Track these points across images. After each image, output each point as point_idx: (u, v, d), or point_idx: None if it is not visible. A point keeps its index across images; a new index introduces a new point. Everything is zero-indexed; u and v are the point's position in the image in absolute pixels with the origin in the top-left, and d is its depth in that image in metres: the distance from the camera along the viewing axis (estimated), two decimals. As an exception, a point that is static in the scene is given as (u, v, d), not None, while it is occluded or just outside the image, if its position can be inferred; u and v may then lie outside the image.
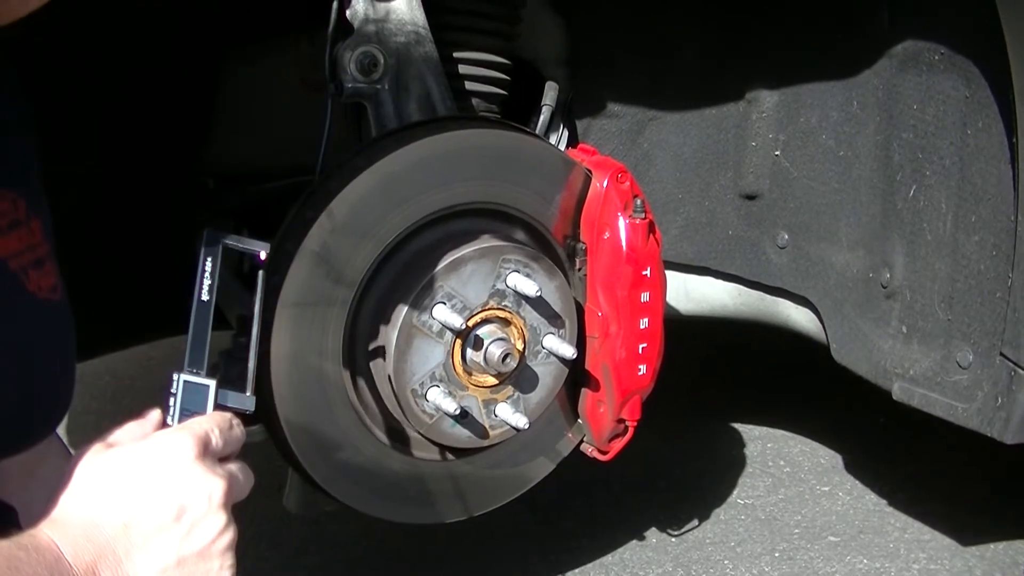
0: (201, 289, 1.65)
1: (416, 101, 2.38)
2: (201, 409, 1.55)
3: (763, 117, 2.77)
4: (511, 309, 2.27)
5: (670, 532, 3.23)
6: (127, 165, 2.60)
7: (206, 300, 1.65)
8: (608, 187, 2.37)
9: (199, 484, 1.38)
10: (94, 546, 1.29)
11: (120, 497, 1.34)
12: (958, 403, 2.41)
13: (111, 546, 1.31)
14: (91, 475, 1.36)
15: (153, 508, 1.34)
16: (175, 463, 1.37)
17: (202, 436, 1.42)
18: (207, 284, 1.65)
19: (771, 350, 3.83)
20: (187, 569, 1.36)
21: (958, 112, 2.32)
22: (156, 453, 1.38)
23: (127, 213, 2.65)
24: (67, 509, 1.33)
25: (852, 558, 3.12)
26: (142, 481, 1.35)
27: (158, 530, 1.34)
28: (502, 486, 2.53)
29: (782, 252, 2.80)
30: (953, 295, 2.40)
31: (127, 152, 2.58)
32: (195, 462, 1.38)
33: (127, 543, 1.32)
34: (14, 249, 1.48)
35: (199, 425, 1.44)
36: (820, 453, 3.69)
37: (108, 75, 2.47)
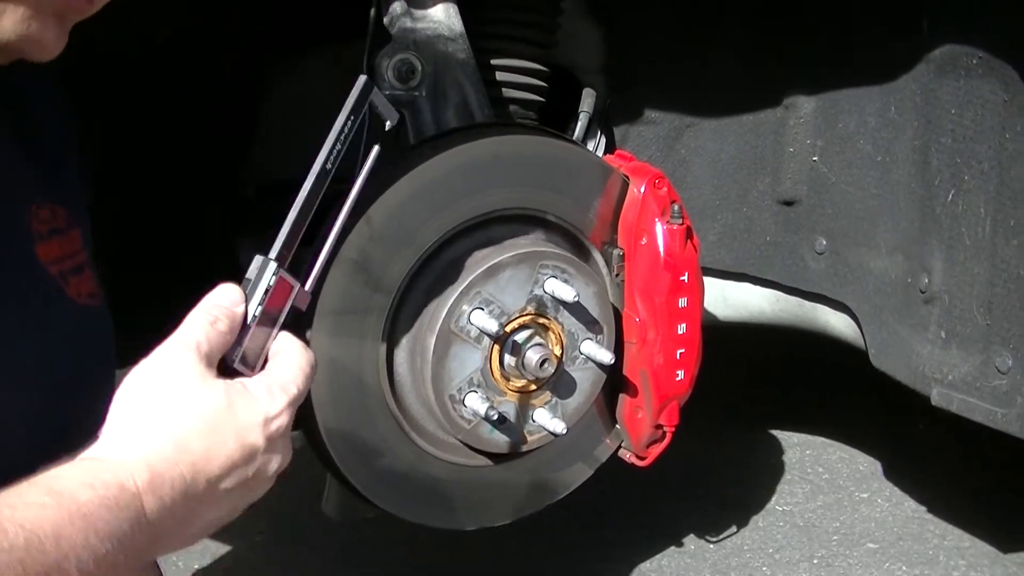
0: (332, 151, 1.57)
1: (454, 108, 2.39)
2: (281, 306, 1.48)
3: (801, 123, 2.77)
4: (549, 315, 2.28)
5: (708, 539, 3.23)
6: (170, 175, 2.62)
7: (328, 169, 1.56)
8: (646, 193, 2.37)
9: (277, 455, 1.40)
10: (180, 504, 1.28)
11: (216, 456, 1.32)
12: (997, 408, 2.40)
13: (196, 506, 1.31)
14: (188, 416, 1.32)
15: (238, 472, 1.35)
16: (268, 434, 1.38)
17: (296, 403, 1.43)
18: (337, 148, 1.57)
19: (810, 357, 3.82)
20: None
21: (996, 116, 2.31)
22: (256, 421, 1.37)
23: (169, 223, 2.67)
24: (158, 450, 1.29)
25: (891, 565, 3.11)
26: (239, 443, 1.34)
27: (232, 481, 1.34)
28: (540, 492, 2.53)
29: (820, 258, 2.79)
30: (992, 300, 2.39)
31: (170, 162, 2.60)
32: (284, 433, 1.40)
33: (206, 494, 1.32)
34: (54, 256, 1.50)
35: (295, 389, 1.44)
36: (859, 460, 3.68)
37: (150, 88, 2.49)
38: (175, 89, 2.52)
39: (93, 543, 1.16)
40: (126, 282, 2.01)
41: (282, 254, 1.50)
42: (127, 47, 2.13)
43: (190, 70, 2.52)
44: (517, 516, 2.53)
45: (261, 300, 1.46)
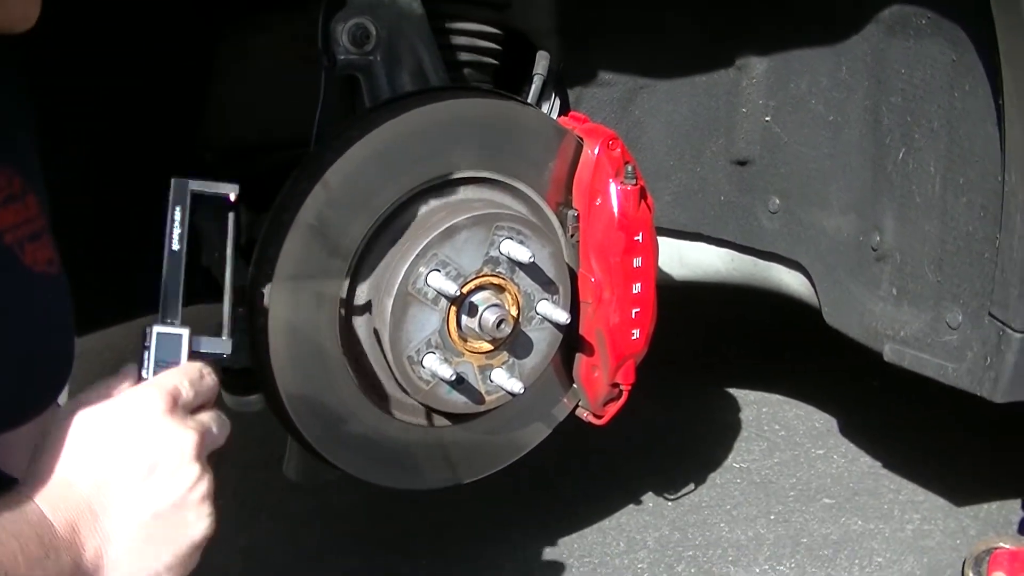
0: (171, 239, 1.66)
1: (409, 72, 2.39)
2: (176, 359, 1.56)
3: (753, 84, 2.78)
4: (505, 276, 2.29)
5: (666, 496, 3.27)
6: (124, 141, 2.61)
7: (177, 250, 1.66)
8: (599, 154, 2.39)
9: (169, 438, 1.40)
10: (71, 505, 1.32)
11: (91, 456, 1.36)
12: (948, 363, 2.44)
13: (87, 504, 1.34)
14: (63, 435, 1.39)
15: (124, 465, 1.36)
16: (144, 419, 1.40)
17: (171, 390, 1.44)
18: (177, 233, 1.67)
19: (765, 316, 3.86)
20: (164, 521, 1.39)
21: (945, 76, 2.34)
22: (125, 410, 1.41)
23: (123, 189, 2.66)
24: (43, 469, 1.35)
25: (847, 519, 3.16)
26: (112, 439, 1.38)
27: (131, 486, 1.36)
28: (500, 451, 2.55)
29: (774, 217, 2.82)
30: (942, 257, 2.42)
31: (124, 128, 2.60)
32: (164, 416, 1.41)
33: (101, 500, 1.35)
34: (9, 222, 1.49)
35: (167, 379, 1.47)
36: (815, 417, 3.73)
37: (102, 48, 2.48)
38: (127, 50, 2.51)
39: (4, 540, 1.23)
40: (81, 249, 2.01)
41: (165, 318, 1.61)
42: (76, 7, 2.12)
43: (142, 31, 2.51)
44: (477, 476, 2.55)
45: (145, 357, 1.56)
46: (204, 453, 1.44)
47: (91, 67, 2.47)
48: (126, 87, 2.54)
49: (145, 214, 2.69)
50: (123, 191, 2.65)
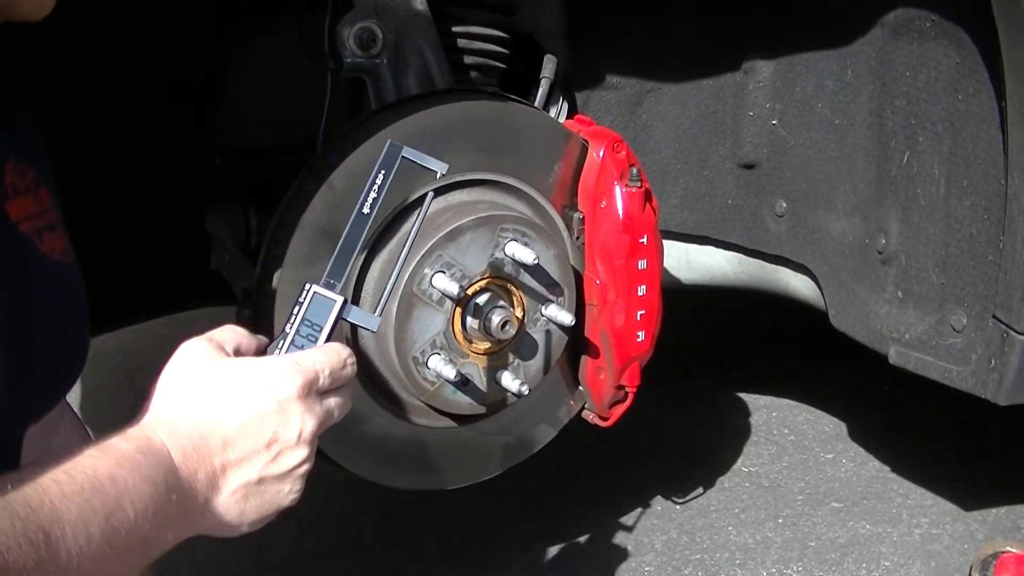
0: (365, 201, 1.63)
1: (415, 75, 2.41)
2: (322, 323, 1.58)
3: (760, 87, 2.79)
4: (510, 277, 2.30)
5: (675, 499, 3.27)
6: (133, 145, 2.63)
7: (366, 214, 1.63)
8: (604, 157, 2.40)
9: (294, 421, 1.47)
10: (199, 456, 1.39)
11: (227, 416, 1.43)
12: (953, 366, 2.44)
13: (212, 460, 1.41)
14: (202, 384, 1.46)
15: (251, 433, 1.44)
16: (278, 397, 1.46)
17: (310, 377, 1.49)
18: (372, 198, 1.63)
19: (775, 319, 3.86)
20: (265, 487, 1.47)
21: (949, 78, 2.35)
22: (264, 383, 1.46)
23: (135, 190, 2.69)
24: (176, 412, 1.43)
25: (855, 523, 3.16)
26: (247, 406, 1.44)
27: (251, 453, 1.44)
28: (505, 453, 2.56)
29: (780, 220, 2.82)
30: (947, 259, 2.42)
31: (133, 132, 2.62)
32: (296, 400, 1.47)
33: (224, 459, 1.42)
34: (26, 213, 1.51)
35: (311, 363, 1.51)
36: (824, 421, 3.73)
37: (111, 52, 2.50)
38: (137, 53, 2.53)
39: (139, 485, 1.27)
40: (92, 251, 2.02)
41: (331, 278, 1.61)
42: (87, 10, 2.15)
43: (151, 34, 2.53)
44: (483, 477, 2.56)
45: (294, 314, 1.59)
46: (318, 436, 1.51)
47: (101, 70, 2.49)
48: (135, 90, 2.56)
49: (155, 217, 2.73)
50: (134, 194, 2.67)
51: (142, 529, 1.27)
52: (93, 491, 1.22)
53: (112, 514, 1.23)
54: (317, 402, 1.51)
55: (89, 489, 1.21)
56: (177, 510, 1.35)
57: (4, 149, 1.50)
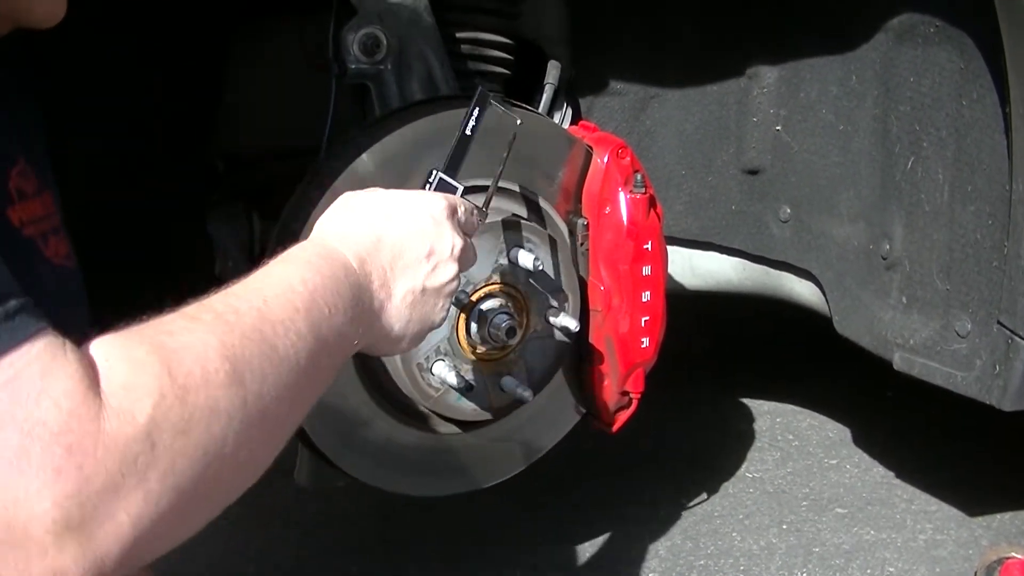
0: (466, 126, 1.94)
1: (419, 81, 2.41)
2: None
3: (764, 92, 2.79)
4: (514, 283, 2.30)
5: (679, 505, 3.26)
6: (136, 146, 2.63)
7: (468, 135, 1.94)
8: (609, 163, 2.40)
9: (447, 236, 1.64)
10: (372, 261, 1.53)
11: (392, 228, 1.58)
12: (957, 372, 2.44)
13: (384, 266, 1.54)
14: (366, 205, 1.61)
15: (415, 244, 1.59)
16: (433, 214, 1.63)
17: (454, 204, 1.69)
18: (471, 125, 1.94)
19: (779, 325, 3.86)
20: (424, 298, 1.60)
21: (953, 83, 2.35)
22: (420, 203, 1.64)
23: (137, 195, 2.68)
24: (346, 225, 1.57)
25: (859, 529, 3.15)
26: (408, 220, 1.61)
27: (415, 262, 1.59)
28: (510, 458, 2.56)
29: (784, 226, 2.82)
30: (951, 265, 2.42)
31: (136, 133, 2.62)
32: (445, 219, 1.65)
33: (394, 266, 1.56)
34: (29, 217, 1.52)
35: (453, 197, 1.73)
36: (828, 427, 3.73)
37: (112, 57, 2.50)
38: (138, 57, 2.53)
39: (327, 283, 1.40)
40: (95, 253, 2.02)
41: (448, 169, 1.93)
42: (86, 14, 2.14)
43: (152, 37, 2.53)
44: (487, 483, 2.56)
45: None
46: (463, 262, 1.68)
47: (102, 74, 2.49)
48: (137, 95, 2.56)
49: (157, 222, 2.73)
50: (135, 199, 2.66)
51: (337, 324, 1.38)
52: (292, 292, 1.33)
53: (311, 310, 1.33)
54: (460, 230, 1.68)
55: (287, 290, 1.33)
56: (360, 311, 1.47)
57: (14, 151, 1.51)
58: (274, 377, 1.26)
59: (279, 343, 1.27)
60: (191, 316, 1.23)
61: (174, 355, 1.15)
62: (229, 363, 1.19)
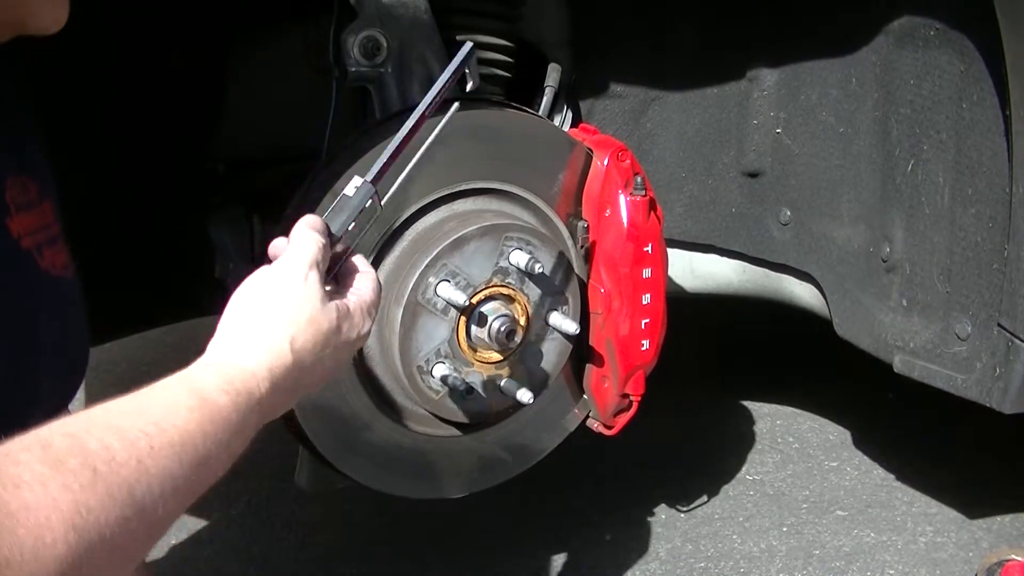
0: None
1: (419, 84, 2.41)
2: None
3: (764, 95, 2.80)
4: (514, 286, 2.30)
5: (679, 508, 3.27)
6: (136, 151, 2.63)
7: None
8: (609, 165, 2.40)
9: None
10: (293, 386, 1.43)
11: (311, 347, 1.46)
12: (957, 374, 2.44)
13: (303, 381, 1.45)
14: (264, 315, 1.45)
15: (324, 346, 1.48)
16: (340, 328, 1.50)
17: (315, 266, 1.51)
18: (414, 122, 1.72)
19: (779, 328, 3.86)
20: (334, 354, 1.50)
21: (953, 86, 2.35)
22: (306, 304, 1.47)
23: (137, 199, 2.69)
24: (254, 341, 1.41)
25: (859, 532, 3.16)
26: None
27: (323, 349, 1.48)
28: (510, 461, 2.56)
29: (785, 229, 2.83)
30: (951, 267, 2.42)
31: (136, 137, 2.62)
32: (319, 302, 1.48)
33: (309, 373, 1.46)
34: (27, 228, 1.52)
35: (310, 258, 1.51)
36: (829, 429, 3.73)
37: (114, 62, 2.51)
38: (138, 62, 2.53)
39: (225, 438, 1.28)
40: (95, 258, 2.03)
41: (376, 179, 1.63)
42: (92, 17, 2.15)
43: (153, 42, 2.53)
44: (487, 486, 2.56)
45: (354, 217, 1.60)
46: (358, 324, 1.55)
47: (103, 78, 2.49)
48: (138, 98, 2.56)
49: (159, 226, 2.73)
50: (137, 203, 2.67)
51: (226, 460, 1.30)
52: (183, 447, 1.21)
53: (201, 464, 1.24)
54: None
55: (179, 443, 1.21)
56: (257, 424, 1.38)
57: (4, 163, 1.51)
58: (134, 535, 1.13)
59: (149, 503, 1.14)
60: (54, 459, 1.07)
61: (7, 521, 0.99)
62: (75, 533, 1.04)
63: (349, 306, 1.52)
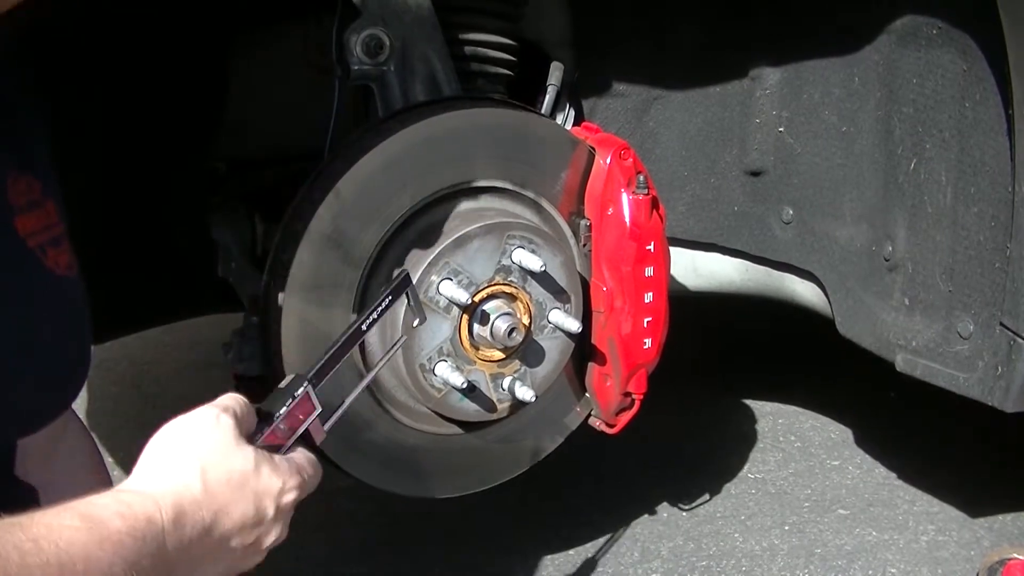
0: (366, 320, 1.69)
1: (422, 82, 2.41)
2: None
3: (767, 94, 2.79)
4: (517, 284, 2.30)
5: (681, 507, 3.26)
6: (137, 151, 2.63)
7: (363, 330, 1.69)
8: (611, 164, 2.40)
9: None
10: (200, 548, 1.37)
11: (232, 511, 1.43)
12: (960, 373, 2.44)
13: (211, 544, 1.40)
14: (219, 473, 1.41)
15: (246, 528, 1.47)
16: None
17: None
18: (372, 318, 1.69)
19: (781, 326, 3.86)
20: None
21: (956, 86, 2.34)
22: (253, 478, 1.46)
23: (138, 199, 2.69)
24: (183, 480, 1.37)
25: (861, 530, 3.15)
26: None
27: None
28: (512, 459, 2.56)
29: (787, 227, 2.82)
30: (954, 266, 2.42)
31: (137, 137, 2.62)
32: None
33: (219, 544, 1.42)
34: (32, 228, 1.52)
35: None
36: (831, 428, 3.73)
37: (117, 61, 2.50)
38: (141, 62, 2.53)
39: (116, 570, 1.21)
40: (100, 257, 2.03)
41: (315, 378, 1.63)
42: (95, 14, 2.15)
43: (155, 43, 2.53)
44: (489, 484, 2.56)
45: (288, 404, 1.58)
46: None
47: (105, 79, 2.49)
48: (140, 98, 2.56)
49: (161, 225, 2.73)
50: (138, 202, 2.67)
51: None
52: (60, 568, 1.14)
53: None
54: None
55: (55, 565, 1.14)
56: (164, 566, 1.31)
57: (10, 163, 1.51)
58: None
59: None
60: None
61: None
62: None
63: (271, 456, 1.49)
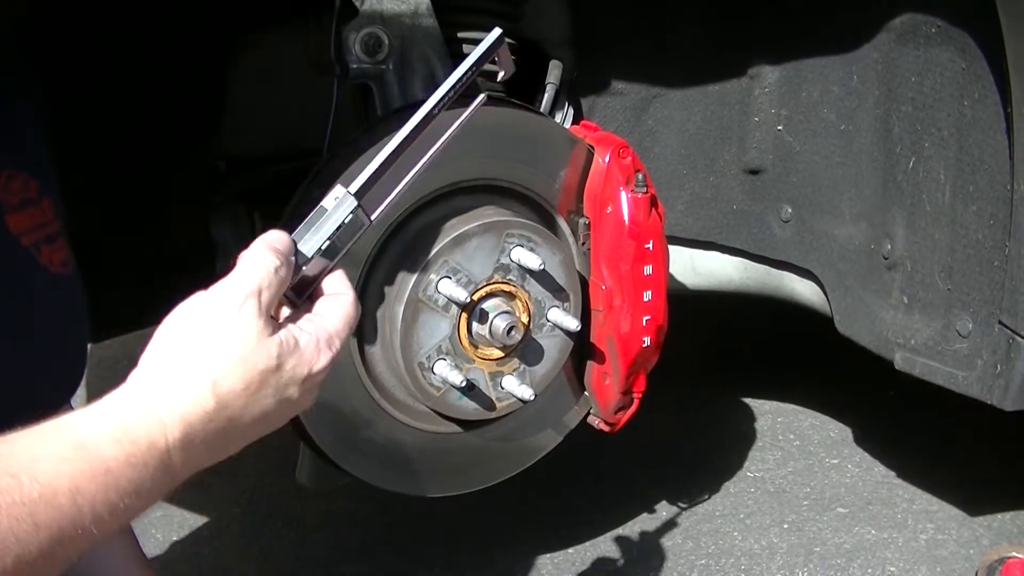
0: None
1: (421, 81, 2.41)
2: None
3: (766, 92, 2.79)
4: (516, 283, 2.31)
5: (680, 505, 3.27)
6: (137, 150, 2.63)
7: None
8: (610, 162, 2.40)
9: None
10: (215, 435, 1.28)
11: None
12: (958, 371, 2.44)
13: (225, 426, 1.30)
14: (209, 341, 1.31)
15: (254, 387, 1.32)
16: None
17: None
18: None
19: (780, 325, 3.86)
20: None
21: (955, 84, 2.34)
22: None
23: (138, 196, 2.69)
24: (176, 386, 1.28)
25: (860, 529, 3.15)
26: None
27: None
28: (511, 458, 2.56)
29: (786, 226, 2.82)
30: (952, 265, 2.42)
31: (137, 137, 2.62)
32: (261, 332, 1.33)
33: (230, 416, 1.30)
34: (26, 226, 1.52)
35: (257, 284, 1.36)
36: (830, 427, 3.72)
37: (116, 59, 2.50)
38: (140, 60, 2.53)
39: (112, 499, 1.15)
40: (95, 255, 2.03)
41: (362, 190, 1.48)
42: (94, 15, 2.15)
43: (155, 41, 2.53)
44: (488, 483, 2.56)
45: (332, 235, 1.44)
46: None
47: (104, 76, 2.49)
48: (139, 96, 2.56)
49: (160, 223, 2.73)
50: (137, 199, 2.67)
51: (111, 525, 1.16)
52: (41, 503, 1.08)
53: (63, 529, 1.09)
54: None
55: (36, 500, 1.08)
56: (169, 482, 1.23)
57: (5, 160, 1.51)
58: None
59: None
60: None
61: None
62: None
63: (298, 339, 1.35)
